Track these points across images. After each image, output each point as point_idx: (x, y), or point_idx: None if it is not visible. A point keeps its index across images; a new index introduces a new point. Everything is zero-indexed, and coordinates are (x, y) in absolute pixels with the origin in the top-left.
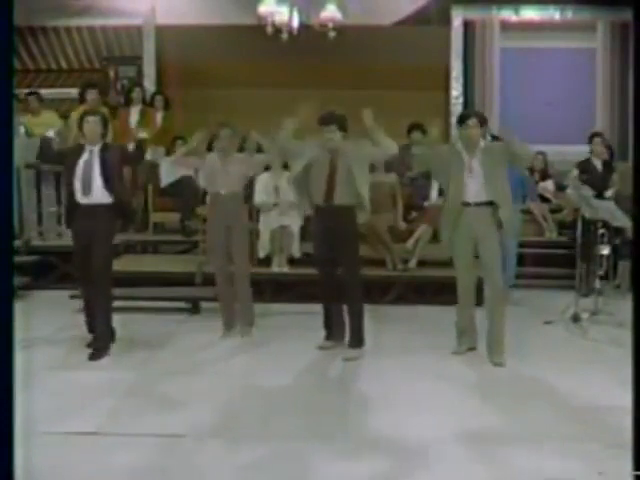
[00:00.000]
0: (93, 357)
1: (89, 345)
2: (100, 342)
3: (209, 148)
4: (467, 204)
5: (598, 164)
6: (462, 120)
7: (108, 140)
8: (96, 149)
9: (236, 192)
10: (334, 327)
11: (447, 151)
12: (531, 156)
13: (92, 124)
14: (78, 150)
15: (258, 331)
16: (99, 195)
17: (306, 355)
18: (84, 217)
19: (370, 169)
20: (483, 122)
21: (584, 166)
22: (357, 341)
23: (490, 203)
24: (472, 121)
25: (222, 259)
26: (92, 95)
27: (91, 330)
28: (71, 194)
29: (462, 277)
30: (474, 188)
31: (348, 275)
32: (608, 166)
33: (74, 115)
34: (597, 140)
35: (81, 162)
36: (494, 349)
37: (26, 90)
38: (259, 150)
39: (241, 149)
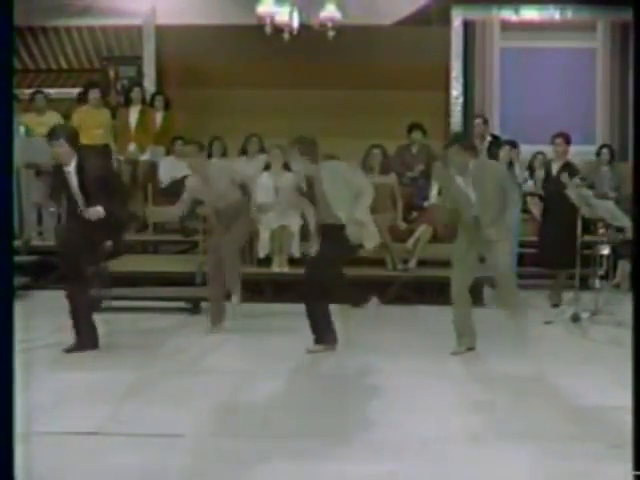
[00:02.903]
0: (68, 350)
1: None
2: (82, 339)
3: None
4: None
5: (555, 166)
6: (447, 146)
7: (108, 141)
8: (72, 169)
9: (234, 202)
10: (322, 331)
11: (443, 172)
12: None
13: (58, 147)
14: (60, 170)
15: (258, 331)
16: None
17: (306, 356)
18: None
19: (367, 170)
20: (468, 146)
21: (545, 169)
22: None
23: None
24: (454, 149)
25: (217, 256)
26: (94, 95)
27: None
28: (70, 205)
29: (457, 279)
30: (470, 204)
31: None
32: (569, 168)
33: (75, 117)
34: (558, 141)
35: (66, 181)
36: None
37: (29, 90)
38: (262, 150)
39: (243, 151)
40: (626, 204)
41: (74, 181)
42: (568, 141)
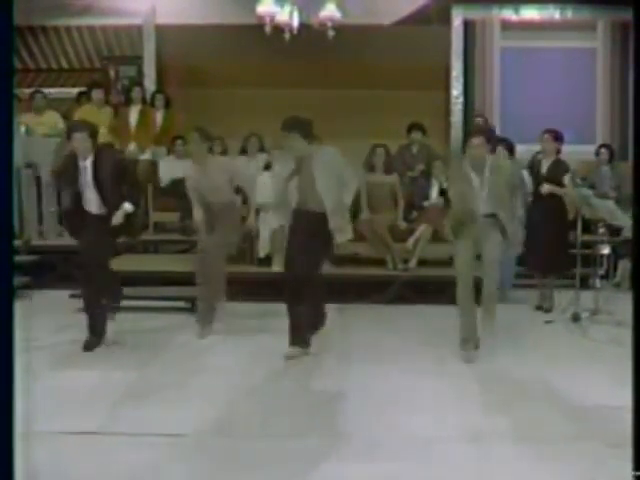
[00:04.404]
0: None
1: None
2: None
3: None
4: (474, 214)
5: (545, 164)
6: (467, 138)
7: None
8: (88, 164)
9: (226, 202)
10: (299, 332)
11: (456, 166)
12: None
13: (80, 141)
14: (73, 162)
15: (258, 331)
16: (98, 208)
17: (305, 355)
18: (88, 221)
19: (369, 169)
20: (490, 139)
21: (531, 168)
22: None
23: (494, 214)
24: (477, 139)
25: (204, 256)
26: (98, 94)
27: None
28: (77, 201)
29: (463, 280)
30: (481, 201)
31: (307, 275)
32: (559, 166)
33: (77, 115)
34: (546, 137)
35: (79, 176)
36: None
37: (29, 90)
38: (262, 150)
39: (243, 150)
40: (626, 204)
41: (89, 176)
42: (557, 138)
